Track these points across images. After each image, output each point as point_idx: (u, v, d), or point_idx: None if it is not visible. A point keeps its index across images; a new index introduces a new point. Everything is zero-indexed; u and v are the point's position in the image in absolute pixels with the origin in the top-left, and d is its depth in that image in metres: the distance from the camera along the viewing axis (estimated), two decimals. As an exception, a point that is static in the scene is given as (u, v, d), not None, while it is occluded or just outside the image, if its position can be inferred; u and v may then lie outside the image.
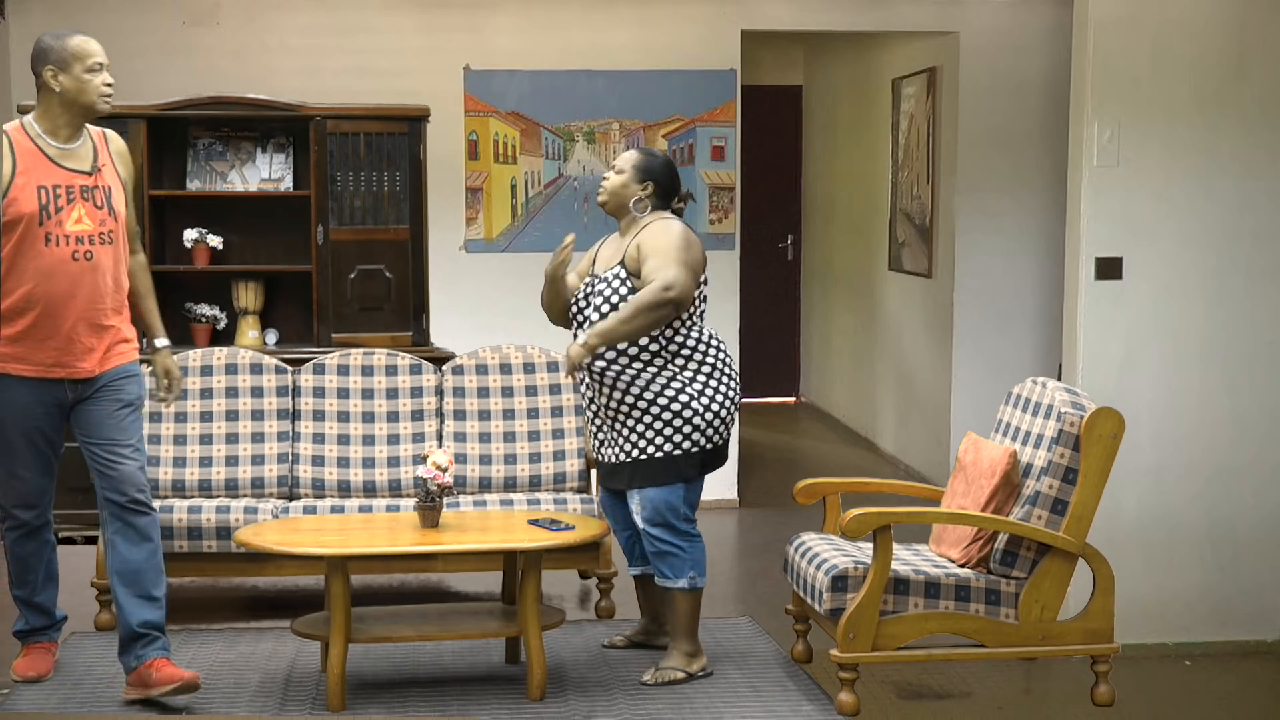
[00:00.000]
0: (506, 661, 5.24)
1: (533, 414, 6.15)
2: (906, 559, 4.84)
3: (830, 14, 8.54)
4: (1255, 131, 5.71)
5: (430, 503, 4.97)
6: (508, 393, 6.18)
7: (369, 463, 6.07)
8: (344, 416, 6.13)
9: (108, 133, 4.97)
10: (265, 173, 7.41)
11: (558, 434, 6.14)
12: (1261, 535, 5.81)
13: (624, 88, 8.37)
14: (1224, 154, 5.70)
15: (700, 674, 5.06)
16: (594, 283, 5.11)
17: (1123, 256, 5.68)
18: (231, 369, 6.15)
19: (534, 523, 5.08)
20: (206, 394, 6.11)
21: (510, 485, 6.07)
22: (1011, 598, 4.69)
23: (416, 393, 6.17)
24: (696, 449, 4.99)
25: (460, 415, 6.16)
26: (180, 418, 6.07)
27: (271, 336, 7.39)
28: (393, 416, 6.14)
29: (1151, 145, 5.66)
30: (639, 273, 4.96)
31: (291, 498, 6.06)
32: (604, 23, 8.36)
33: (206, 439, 6.06)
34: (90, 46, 4.90)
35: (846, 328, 10.68)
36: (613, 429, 5.07)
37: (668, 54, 8.41)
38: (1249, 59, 5.68)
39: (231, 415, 6.09)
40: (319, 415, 6.13)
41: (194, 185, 7.41)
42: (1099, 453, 4.68)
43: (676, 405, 4.96)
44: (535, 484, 6.08)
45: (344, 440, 6.10)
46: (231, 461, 6.04)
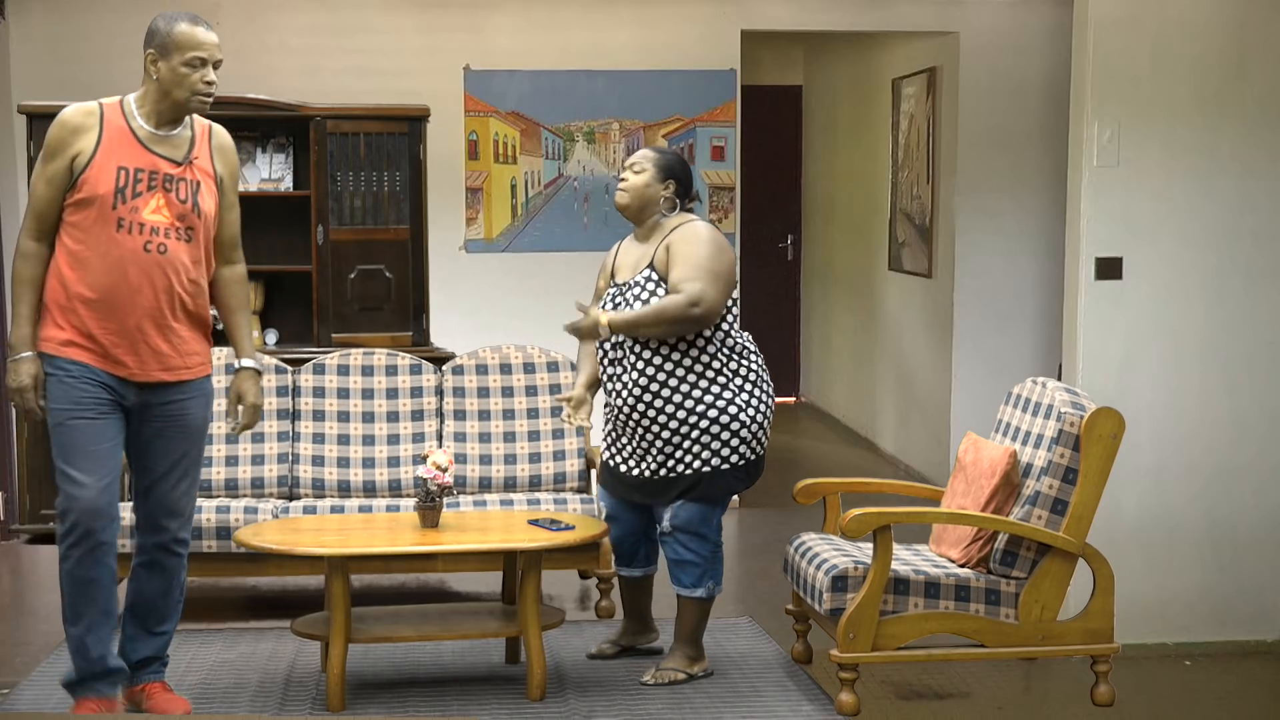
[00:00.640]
0: (506, 661, 5.24)
1: (533, 414, 6.15)
2: (906, 559, 4.85)
3: (830, 14, 8.54)
4: (1255, 131, 5.71)
5: (430, 503, 4.98)
6: (508, 393, 6.18)
7: (369, 463, 6.07)
8: (344, 416, 6.13)
9: (215, 127, 4.55)
10: (265, 173, 7.41)
11: (558, 434, 6.14)
12: (1261, 535, 5.81)
13: (624, 88, 8.37)
14: (1224, 154, 5.70)
15: (701, 675, 5.06)
16: (623, 290, 4.98)
17: (1123, 256, 5.68)
18: (231, 369, 6.14)
19: (534, 523, 5.08)
20: (206, 394, 6.11)
21: (510, 485, 6.08)
22: (1011, 598, 4.69)
23: (416, 393, 6.17)
24: (744, 461, 4.94)
25: (460, 415, 6.16)
26: (180, 418, 6.07)
27: (271, 336, 7.39)
28: (393, 416, 6.14)
29: (1151, 145, 5.66)
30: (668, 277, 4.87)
31: (291, 498, 6.06)
32: (604, 23, 8.36)
33: (206, 439, 6.05)
34: (196, 37, 4.36)
35: (846, 328, 10.68)
36: (650, 442, 4.94)
37: (668, 54, 8.41)
38: (1249, 59, 5.68)
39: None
40: (319, 415, 6.13)
41: (194, 185, 7.41)
42: (1099, 453, 4.68)
43: (725, 418, 4.88)
44: (535, 484, 6.08)
45: (344, 440, 6.10)
46: (231, 461, 6.04)
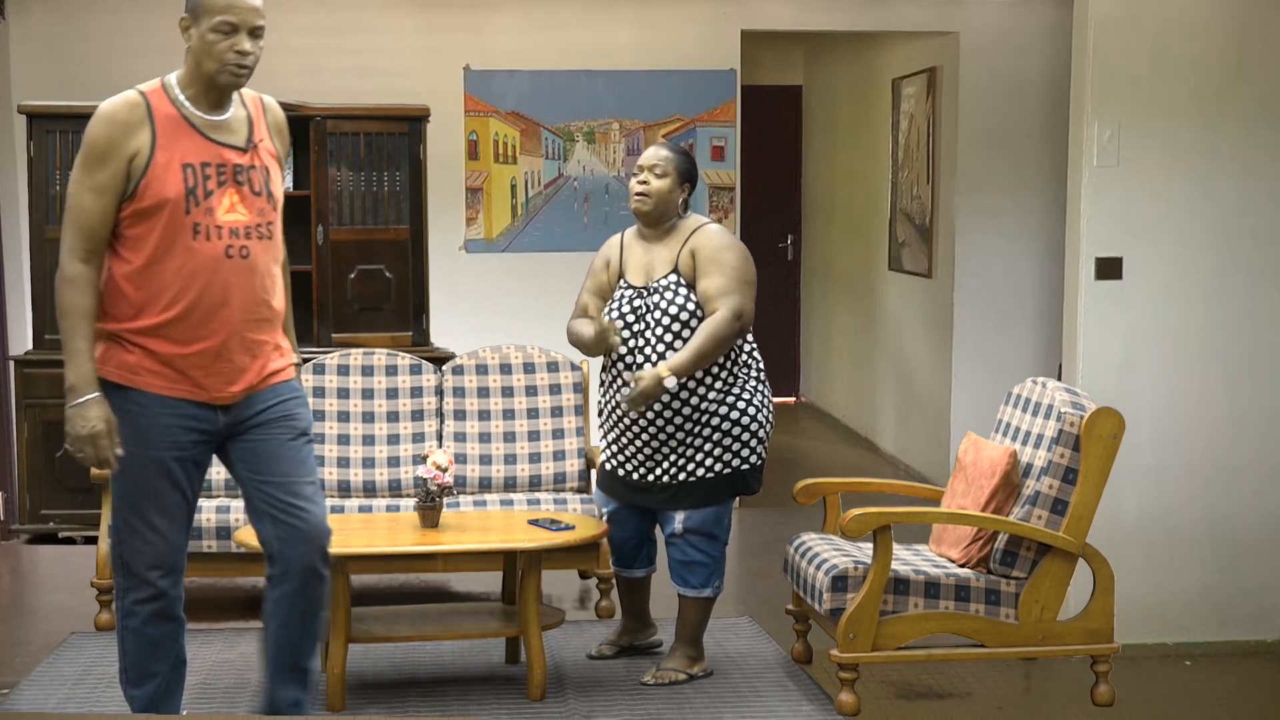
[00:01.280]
0: (506, 661, 5.24)
1: (533, 414, 6.15)
2: (906, 559, 4.84)
3: (830, 14, 8.54)
4: (1255, 131, 5.71)
5: (430, 503, 4.98)
6: (508, 393, 6.18)
7: (369, 463, 6.07)
8: (344, 416, 6.13)
9: (266, 99, 4.05)
10: (265, 173, 7.41)
11: (558, 434, 6.14)
12: (1261, 535, 5.81)
13: (624, 88, 8.37)
14: (1224, 154, 5.70)
15: (701, 675, 5.06)
16: (644, 293, 4.94)
17: (1123, 256, 5.68)
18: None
19: (534, 523, 5.08)
20: (206, 394, 6.11)
21: (510, 485, 6.07)
22: (1011, 598, 4.69)
23: (416, 393, 6.17)
24: (760, 461, 4.97)
25: (460, 415, 6.16)
26: (180, 418, 6.07)
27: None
28: (393, 416, 6.14)
29: (1151, 145, 5.66)
30: (695, 284, 4.85)
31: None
32: (604, 23, 8.37)
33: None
34: None
35: (846, 328, 10.68)
36: (662, 446, 4.92)
37: (668, 54, 8.41)
38: (1249, 59, 5.68)
39: (231, 415, 6.09)
40: (319, 415, 6.13)
41: (194, 185, 7.41)
42: (1099, 453, 4.68)
43: (746, 419, 4.90)
44: (535, 484, 6.08)
45: (344, 440, 6.10)
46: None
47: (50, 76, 7.90)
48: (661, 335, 4.86)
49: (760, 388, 4.98)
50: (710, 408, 4.87)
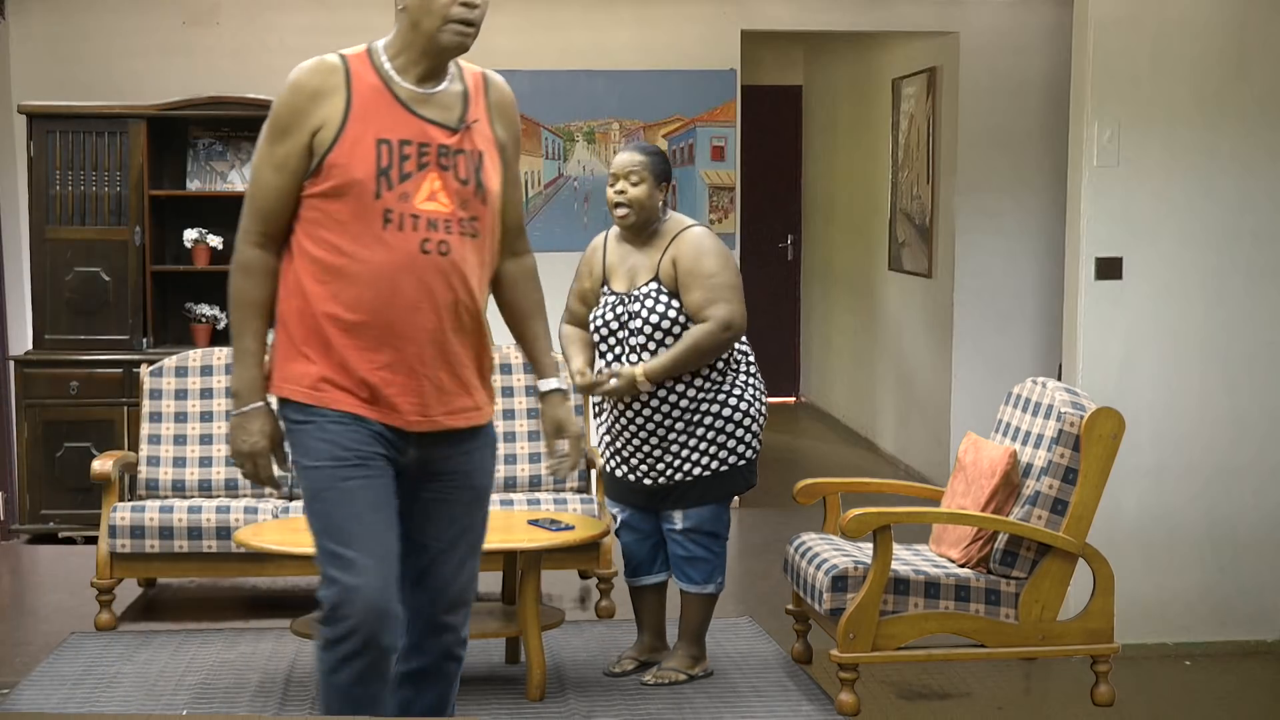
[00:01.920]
0: (506, 661, 5.24)
1: (533, 414, 6.15)
2: (906, 559, 4.84)
3: (830, 14, 8.54)
4: (1255, 131, 5.71)
5: (430, 503, 4.97)
6: (508, 393, 6.18)
7: (369, 463, 6.06)
8: (344, 416, 6.12)
9: (491, 76, 3.49)
10: (265, 173, 7.40)
11: (558, 434, 6.13)
12: (1261, 535, 5.80)
13: (624, 88, 8.37)
14: (1224, 154, 5.70)
15: (701, 675, 5.05)
16: (624, 300, 4.90)
17: (1123, 256, 5.67)
18: (231, 369, 6.14)
19: (534, 523, 5.08)
20: (206, 394, 6.11)
21: (510, 485, 6.07)
22: (1011, 598, 4.69)
23: (416, 393, 6.16)
24: (755, 455, 4.98)
25: (460, 415, 6.15)
26: (180, 418, 6.07)
27: (272, 336, 7.38)
28: (393, 416, 6.13)
29: (1151, 145, 5.65)
30: (677, 291, 4.81)
31: (291, 498, 6.05)
32: (604, 23, 8.36)
33: (206, 439, 6.06)
34: None
35: (846, 328, 10.68)
36: (658, 447, 4.90)
37: (668, 54, 8.41)
38: (1249, 59, 5.68)
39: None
40: (319, 415, 6.13)
41: (194, 185, 7.42)
42: (1099, 453, 4.68)
43: (738, 415, 4.89)
44: (535, 484, 6.08)
45: (344, 440, 6.09)
46: (231, 461, 6.03)
47: (50, 76, 7.90)
48: (644, 344, 4.83)
49: (751, 381, 4.98)
50: (703, 406, 4.86)
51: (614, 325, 4.93)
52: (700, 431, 4.86)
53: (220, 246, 7.33)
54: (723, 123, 8.48)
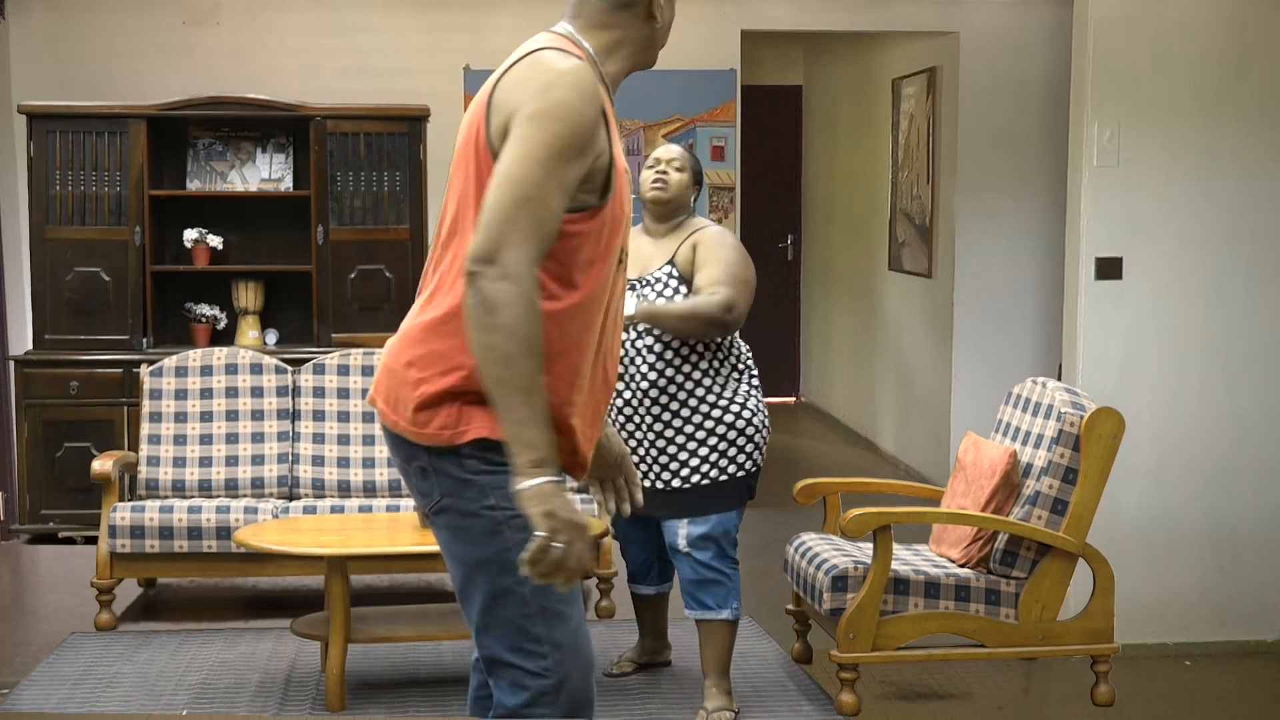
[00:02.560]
0: (506, 661, 5.23)
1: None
2: (906, 559, 4.84)
3: (830, 14, 8.54)
4: (1255, 131, 5.71)
5: (430, 503, 4.97)
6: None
7: (369, 463, 6.07)
8: (344, 416, 6.13)
9: None
10: (265, 173, 7.41)
11: (558, 434, 6.13)
12: (1261, 535, 5.81)
13: (624, 87, 8.31)
14: (1224, 154, 5.70)
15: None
16: (635, 285, 4.78)
17: (1123, 256, 5.68)
18: (231, 369, 6.15)
19: (534, 523, 5.07)
20: (206, 394, 6.11)
21: (510, 485, 6.06)
22: (1011, 598, 4.69)
23: (416, 393, 6.16)
24: (756, 467, 4.79)
25: (460, 415, 6.15)
26: (180, 418, 6.07)
27: (271, 336, 7.39)
28: (393, 416, 6.13)
29: (1151, 145, 5.66)
30: (689, 278, 4.72)
31: (291, 498, 6.06)
32: (604, 23, 8.36)
33: (206, 439, 6.06)
34: None
35: (846, 328, 10.68)
36: (662, 451, 4.72)
37: (668, 54, 8.27)
38: (1249, 59, 5.68)
39: (231, 415, 6.09)
40: (319, 415, 6.13)
41: (194, 185, 7.42)
42: (1099, 453, 4.68)
43: (741, 424, 4.73)
44: (535, 484, 6.07)
45: (344, 440, 6.10)
46: (231, 461, 6.04)
47: (50, 76, 7.90)
48: (649, 328, 4.71)
49: (754, 393, 4.88)
50: (704, 409, 4.73)
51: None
52: (701, 436, 4.72)
53: (220, 247, 7.34)
54: (723, 123, 8.48)
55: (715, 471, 4.72)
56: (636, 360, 4.76)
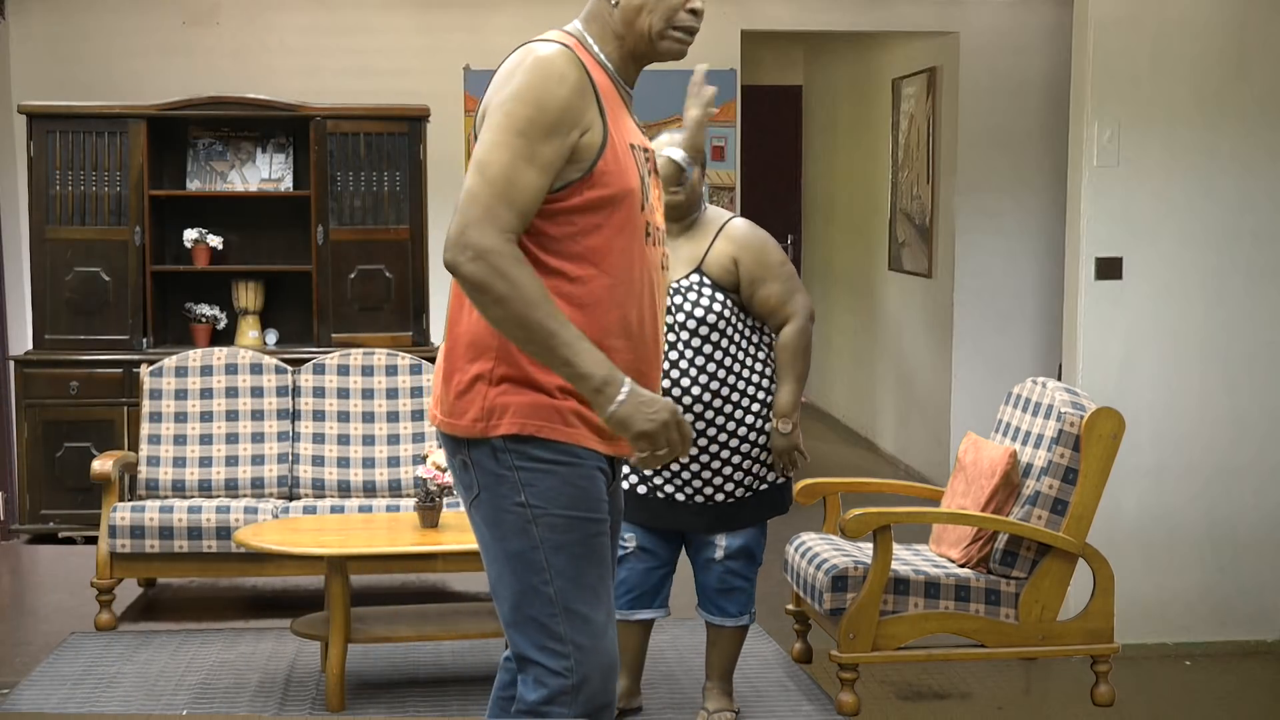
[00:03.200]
0: (506, 661, 5.23)
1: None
2: (906, 559, 4.84)
3: (830, 14, 8.54)
4: (1255, 131, 5.71)
5: (430, 503, 4.97)
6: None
7: (369, 463, 6.07)
8: (344, 416, 6.13)
9: None
10: (265, 173, 7.41)
11: (558, 434, 6.13)
12: (1261, 535, 5.81)
13: (624, 88, 8.36)
14: (1224, 154, 5.70)
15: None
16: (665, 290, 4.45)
17: (1123, 256, 5.68)
18: (231, 369, 6.15)
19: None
20: (206, 394, 6.11)
21: (510, 485, 6.06)
22: (1011, 598, 4.69)
23: (416, 393, 6.17)
24: (791, 476, 4.67)
25: (460, 415, 6.15)
26: (180, 418, 6.07)
27: (271, 336, 7.39)
28: (393, 416, 6.14)
29: (1151, 145, 5.66)
30: (734, 285, 4.46)
31: (291, 498, 6.06)
32: (604, 23, 8.36)
33: (206, 439, 6.06)
34: None
35: (846, 328, 10.68)
36: (696, 466, 4.49)
37: (667, 54, 8.40)
38: (1249, 59, 5.68)
39: (231, 415, 6.09)
40: (319, 415, 6.13)
41: (194, 185, 7.42)
42: (1099, 453, 4.68)
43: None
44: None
45: (344, 440, 6.10)
46: (231, 461, 6.04)
47: (50, 76, 7.90)
48: (689, 340, 4.44)
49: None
50: (749, 420, 4.50)
51: None
52: (745, 449, 4.51)
53: (220, 247, 7.33)
54: (723, 123, 8.47)
55: (756, 483, 4.58)
56: (682, 381, 4.46)
